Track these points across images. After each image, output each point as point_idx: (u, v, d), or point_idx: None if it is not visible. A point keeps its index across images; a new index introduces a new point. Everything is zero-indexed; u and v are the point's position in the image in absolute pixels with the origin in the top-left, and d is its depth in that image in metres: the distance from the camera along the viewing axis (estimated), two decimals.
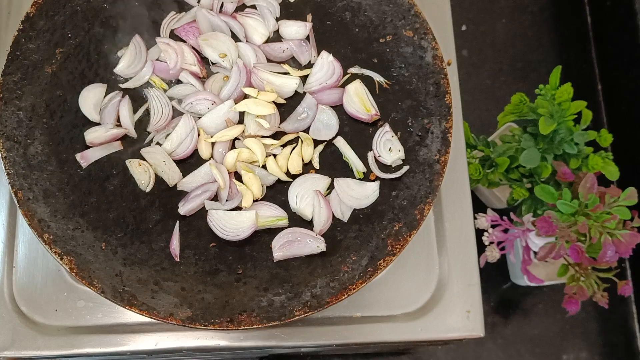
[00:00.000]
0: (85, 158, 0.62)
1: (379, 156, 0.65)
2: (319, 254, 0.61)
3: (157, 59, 0.67)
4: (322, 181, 0.64)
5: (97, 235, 0.59)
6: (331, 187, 0.64)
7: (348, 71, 0.67)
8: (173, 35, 0.68)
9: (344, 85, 0.66)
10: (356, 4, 0.68)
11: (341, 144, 0.65)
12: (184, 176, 0.63)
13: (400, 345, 0.94)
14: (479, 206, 1.24)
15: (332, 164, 0.65)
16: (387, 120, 0.66)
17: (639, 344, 1.31)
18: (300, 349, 0.83)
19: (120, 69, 0.66)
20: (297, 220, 0.63)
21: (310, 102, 0.65)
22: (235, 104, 0.64)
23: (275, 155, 0.65)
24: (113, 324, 0.64)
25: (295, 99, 0.66)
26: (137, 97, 0.66)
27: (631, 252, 0.80)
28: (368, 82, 0.67)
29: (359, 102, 0.65)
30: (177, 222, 0.61)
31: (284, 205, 0.63)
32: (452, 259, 0.69)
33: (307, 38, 0.68)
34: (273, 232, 0.62)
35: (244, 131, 0.65)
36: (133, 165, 0.63)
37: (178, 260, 0.60)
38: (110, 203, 0.61)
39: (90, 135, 0.63)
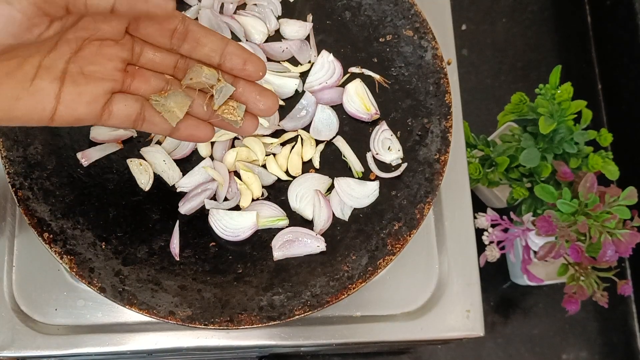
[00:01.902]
0: (87, 157, 0.62)
1: (377, 154, 0.65)
2: (318, 253, 0.61)
3: None
4: (323, 181, 0.64)
5: (97, 234, 0.59)
6: (331, 186, 0.64)
7: (348, 70, 0.67)
8: None
9: (343, 85, 0.67)
10: (356, 3, 0.68)
11: (340, 143, 0.65)
12: (183, 175, 0.63)
13: (400, 344, 0.94)
14: (478, 205, 1.24)
15: (332, 163, 0.65)
16: (387, 119, 0.66)
17: (638, 343, 1.31)
18: (300, 348, 0.83)
19: None
20: (297, 220, 0.63)
21: (309, 100, 0.65)
22: None
23: (274, 155, 0.65)
24: (113, 323, 0.64)
25: (295, 97, 0.66)
26: None
27: (631, 251, 0.80)
28: (368, 81, 0.67)
29: (359, 101, 0.65)
30: (177, 221, 0.61)
31: (284, 204, 0.63)
32: (452, 258, 0.69)
33: (307, 38, 0.68)
34: (273, 231, 0.62)
35: None
36: (134, 164, 0.63)
37: (178, 259, 0.60)
38: (110, 202, 0.61)
39: (95, 131, 0.63)
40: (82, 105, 0.45)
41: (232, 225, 0.61)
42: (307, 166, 0.65)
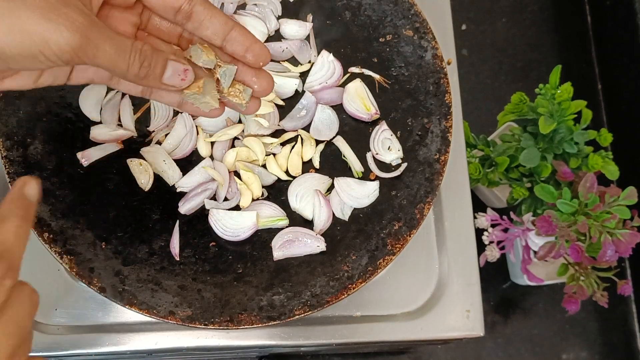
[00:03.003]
0: (87, 157, 0.62)
1: (377, 154, 0.65)
2: (318, 253, 0.61)
3: None
4: (323, 181, 0.64)
5: (97, 234, 0.59)
6: (331, 186, 0.64)
7: (348, 70, 0.67)
8: None
9: (343, 85, 0.66)
10: (356, 3, 0.68)
11: (340, 143, 0.65)
12: (183, 175, 0.63)
13: (400, 344, 0.94)
14: (478, 205, 1.24)
15: (332, 163, 0.65)
16: (387, 119, 0.66)
17: (638, 343, 1.31)
18: (300, 348, 0.83)
19: None
20: (297, 220, 0.63)
21: (309, 100, 0.65)
22: None
23: (274, 155, 0.65)
24: (113, 323, 0.64)
25: (295, 97, 0.66)
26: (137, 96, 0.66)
27: (631, 251, 0.80)
28: (368, 81, 0.67)
29: (360, 101, 0.65)
30: (177, 221, 0.61)
31: (284, 204, 0.63)
32: (452, 258, 0.69)
33: (307, 38, 0.68)
34: (273, 231, 0.62)
35: (243, 130, 0.65)
36: (134, 164, 0.63)
37: (178, 259, 0.60)
38: (110, 202, 0.61)
39: (95, 131, 0.63)
40: None
41: (232, 225, 0.61)
42: (307, 166, 0.65)
